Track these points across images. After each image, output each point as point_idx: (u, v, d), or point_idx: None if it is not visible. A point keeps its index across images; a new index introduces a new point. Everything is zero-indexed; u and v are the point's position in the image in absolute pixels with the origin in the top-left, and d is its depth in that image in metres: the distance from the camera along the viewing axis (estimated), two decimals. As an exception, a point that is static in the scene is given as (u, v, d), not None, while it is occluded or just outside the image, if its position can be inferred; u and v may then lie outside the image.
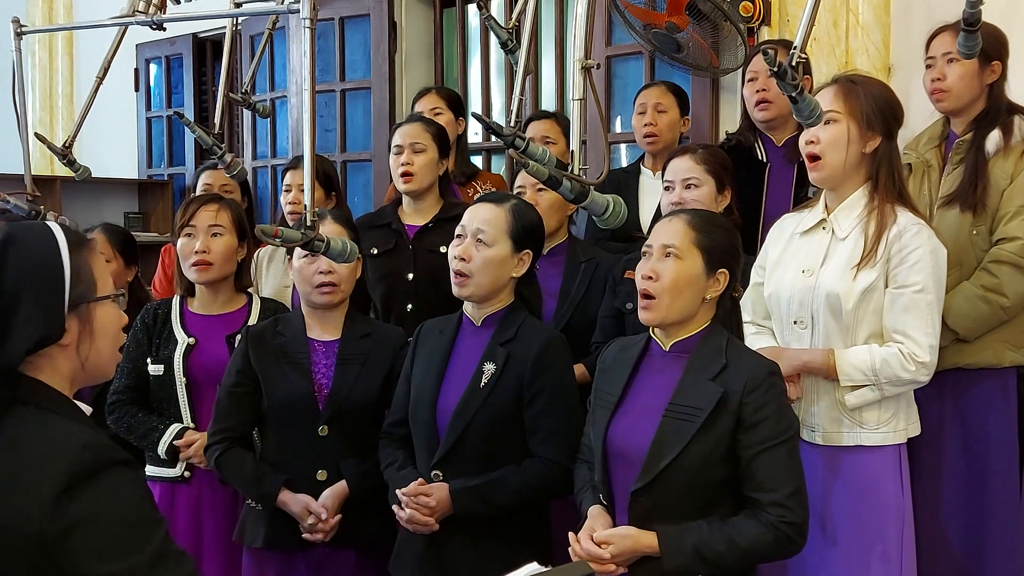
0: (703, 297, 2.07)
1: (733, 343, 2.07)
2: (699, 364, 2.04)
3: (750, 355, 2.07)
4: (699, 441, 1.97)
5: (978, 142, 2.76)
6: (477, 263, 2.32)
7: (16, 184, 3.05)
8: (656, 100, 3.47)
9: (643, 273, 2.09)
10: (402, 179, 3.08)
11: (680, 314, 2.07)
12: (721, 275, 2.08)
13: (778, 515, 1.94)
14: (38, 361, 1.50)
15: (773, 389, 2.00)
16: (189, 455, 2.73)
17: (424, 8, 5.09)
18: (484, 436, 2.30)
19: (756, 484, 1.96)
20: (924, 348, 2.28)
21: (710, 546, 1.93)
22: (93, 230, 3.26)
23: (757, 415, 1.96)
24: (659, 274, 2.06)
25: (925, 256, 2.29)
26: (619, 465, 2.07)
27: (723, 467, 1.98)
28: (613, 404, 2.11)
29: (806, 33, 1.76)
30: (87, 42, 6.45)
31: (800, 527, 1.96)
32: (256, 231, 1.95)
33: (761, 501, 1.95)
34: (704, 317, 2.10)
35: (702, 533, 1.95)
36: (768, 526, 1.94)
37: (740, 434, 1.97)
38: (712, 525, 1.96)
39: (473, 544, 2.30)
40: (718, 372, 2.00)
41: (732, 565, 1.95)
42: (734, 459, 1.98)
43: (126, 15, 2.49)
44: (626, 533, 2.01)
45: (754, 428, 1.96)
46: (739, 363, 2.01)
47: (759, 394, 1.97)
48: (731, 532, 1.95)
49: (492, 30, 2.74)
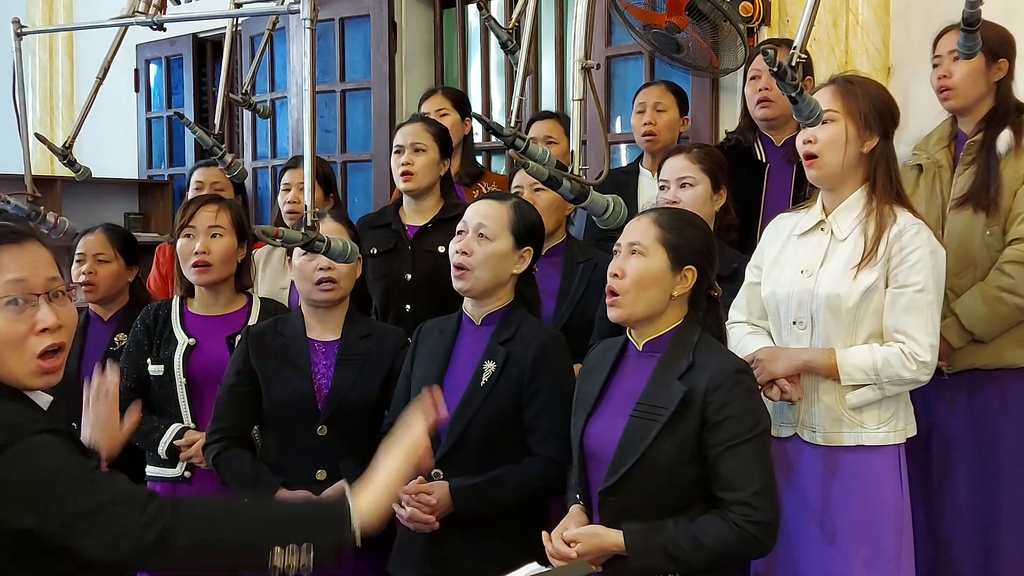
0: (670, 294, 2.08)
1: (704, 341, 2.07)
2: (667, 363, 2.04)
3: (719, 353, 2.07)
4: (664, 440, 1.97)
5: (989, 142, 2.77)
6: (479, 257, 2.33)
7: (16, 184, 3.05)
8: (655, 99, 3.47)
9: (610, 271, 2.11)
10: (402, 178, 3.08)
11: (646, 310, 2.08)
12: (688, 272, 2.08)
13: (742, 514, 1.93)
14: None
15: (739, 387, 1.99)
16: (190, 455, 2.73)
17: (424, 8, 5.09)
18: (484, 435, 2.31)
19: (722, 483, 1.96)
20: (925, 347, 2.28)
21: (677, 545, 1.94)
22: (94, 230, 3.26)
23: (721, 413, 1.96)
24: (624, 271, 2.08)
25: (925, 256, 2.29)
26: (594, 465, 2.09)
27: (693, 467, 1.98)
28: (590, 404, 2.12)
29: (806, 33, 1.76)
30: (87, 42, 6.44)
31: (766, 526, 1.94)
32: (256, 231, 1.96)
33: (727, 500, 1.95)
34: (674, 315, 2.10)
35: (669, 532, 1.95)
36: (732, 525, 1.93)
37: (705, 433, 1.97)
38: (679, 524, 1.96)
39: (473, 542, 2.30)
40: (684, 371, 2.01)
41: (700, 564, 1.95)
42: (703, 458, 1.98)
43: (126, 15, 2.50)
44: (593, 532, 2.02)
45: (718, 426, 1.96)
46: (705, 362, 2.01)
47: (723, 392, 1.97)
48: (696, 531, 1.94)
49: (492, 30, 2.74)
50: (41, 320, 1.55)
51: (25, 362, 1.54)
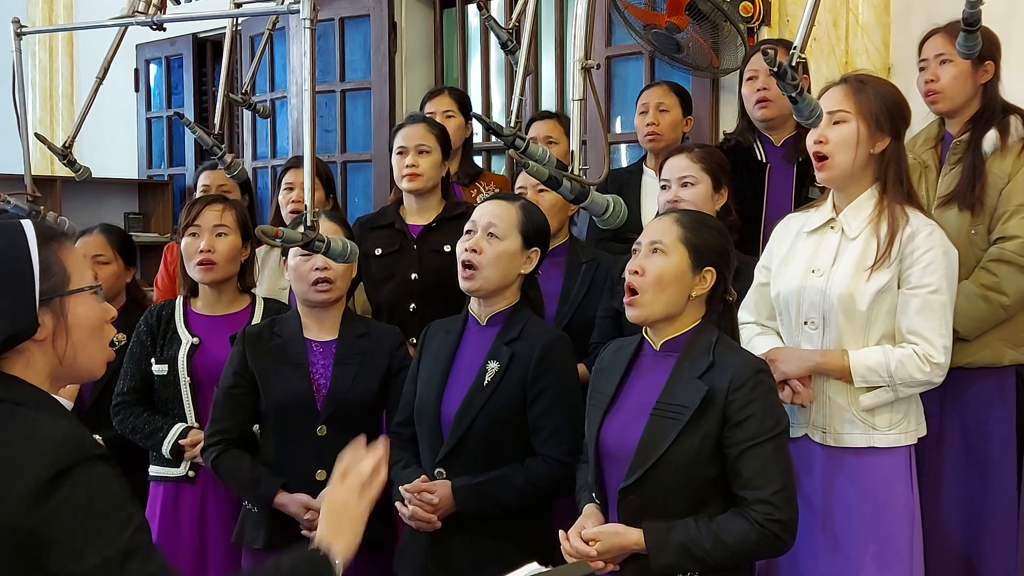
0: (689, 294, 2.08)
1: (723, 341, 2.07)
2: (687, 362, 2.04)
3: (738, 353, 2.08)
4: (685, 439, 1.97)
5: (975, 142, 2.77)
6: (488, 256, 2.33)
7: (16, 184, 3.06)
8: (658, 100, 3.47)
9: (630, 268, 2.11)
10: (407, 179, 3.08)
11: (665, 310, 2.08)
12: (708, 273, 2.08)
13: (764, 513, 1.93)
14: (13, 358, 1.49)
15: (760, 386, 2.00)
16: (194, 455, 2.73)
17: (424, 8, 5.09)
18: (487, 435, 2.31)
19: (743, 482, 1.96)
20: (939, 349, 2.27)
21: (697, 543, 1.94)
22: (92, 231, 3.26)
23: (742, 412, 1.96)
24: (644, 270, 2.08)
25: (938, 257, 2.29)
26: (611, 464, 2.08)
27: (712, 465, 1.99)
28: (606, 404, 2.12)
29: (806, 33, 1.76)
30: (87, 42, 6.45)
31: (787, 525, 1.95)
32: (256, 232, 1.95)
33: (747, 499, 1.96)
34: (693, 315, 2.10)
35: (689, 531, 1.95)
36: (753, 524, 1.94)
37: (726, 432, 1.97)
38: (699, 523, 1.96)
39: (475, 542, 2.30)
40: (705, 370, 2.01)
41: (719, 563, 1.95)
42: (723, 457, 1.99)
43: (126, 15, 2.49)
44: (614, 531, 2.02)
45: (740, 425, 1.97)
46: (726, 361, 2.01)
47: (744, 391, 1.97)
48: (717, 530, 1.95)
49: (492, 30, 2.74)
50: (106, 310, 1.61)
51: (103, 348, 1.59)
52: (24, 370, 1.50)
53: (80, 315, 1.54)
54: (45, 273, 1.50)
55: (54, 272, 1.51)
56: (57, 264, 1.52)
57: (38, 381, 1.51)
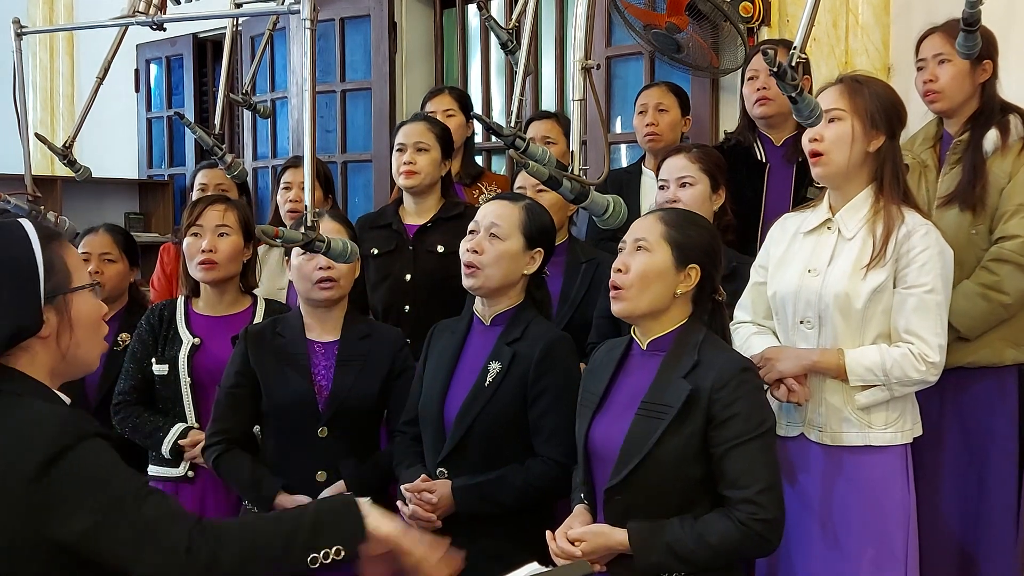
0: (674, 292, 2.08)
1: (709, 340, 2.07)
2: (672, 361, 2.04)
3: (724, 352, 2.07)
4: (670, 439, 1.97)
5: (975, 141, 2.77)
6: (490, 256, 2.34)
7: (16, 184, 3.06)
8: (657, 100, 3.47)
9: (615, 266, 2.12)
10: (404, 176, 3.08)
11: (649, 306, 2.08)
12: (692, 270, 2.08)
13: (748, 512, 1.93)
14: (17, 354, 1.53)
15: (744, 385, 1.99)
16: (194, 455, 2.73)
17: (424, 8, 5.09)
18: (488, 435, 2.31)
19: (728, 481, 1.96)
20: (934, 348, 2.28)
21: (682, 543, 1.93)
22: (97, 230, 3.27)
23: (727, 411, 1.96)
24: (628, 266, 2.09)
25: (934, 257, 2.29)
26: (598, 464, 2.09)
27: (699, 465, 1.98)
28: (595, 404, 2.12)
29: (806, 33, 1.76)
30: (87, 42, 6.45)
31: (772, 524, 1.94)
32: (256, 232, 1.95)
33: (732, 498, 1.95)
34: (679, 314, 2.10)
35: (674, 531, 1.95)
36: (737, 523, 1.93)
37: (711, 431, 1.97)
38: (684, 522, 1.96)
39: (474, 542, 2.29)
40: (690, 369, 2.01)
41: (705, 563, 1.94)
42: (709, 457, 1.98)
43: (126, 15, 2.50)
44: (599, 531, 2.02)
45: (724, 425, 1.96)
46: (711, 360, 2.01)
47: (729, 390, 1.97)
48: (701, 530, 1.94)
49: (492, 30, 2.74)
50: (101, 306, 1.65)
51: (100, 343, 1.65)
52: (27, 366, 1.54)
53: (82, 312, 1.58)
54: (49, 271, 1.54)
55: (57, 270, 1.55)
56: (59, 262, 1.56)
57: (39, 376, 1.55)
